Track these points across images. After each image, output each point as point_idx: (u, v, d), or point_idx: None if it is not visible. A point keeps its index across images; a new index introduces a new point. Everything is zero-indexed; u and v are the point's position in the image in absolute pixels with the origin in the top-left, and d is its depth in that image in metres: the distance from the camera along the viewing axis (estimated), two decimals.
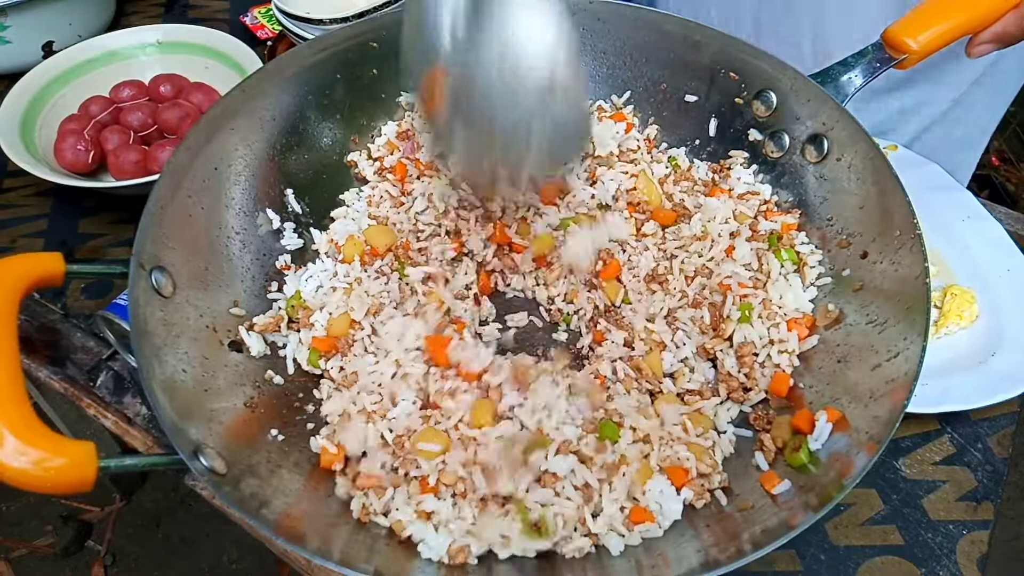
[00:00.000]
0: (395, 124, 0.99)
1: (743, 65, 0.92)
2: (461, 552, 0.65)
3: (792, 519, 0.62)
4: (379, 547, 0.65)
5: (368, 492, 0.69)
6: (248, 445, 0.69)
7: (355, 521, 0.68)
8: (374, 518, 0.68)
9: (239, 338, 0.78)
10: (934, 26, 0.85)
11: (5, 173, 1.11)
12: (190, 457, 0.60)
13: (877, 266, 0.78)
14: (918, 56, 0.86)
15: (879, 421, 0.66)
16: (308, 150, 0.93)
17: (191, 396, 0.68)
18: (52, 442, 0.55)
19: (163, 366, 0.67)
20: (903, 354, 0.69)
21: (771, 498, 0.68)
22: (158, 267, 0.71)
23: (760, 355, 0.80)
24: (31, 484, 0.54)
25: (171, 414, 0.63)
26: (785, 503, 0.67)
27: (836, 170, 0.86)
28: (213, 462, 0.62)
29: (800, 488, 0.67)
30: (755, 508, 0.68)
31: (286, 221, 0.90)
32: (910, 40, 0.85)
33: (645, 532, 0.68)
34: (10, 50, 1.21)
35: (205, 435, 0.65)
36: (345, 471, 0.72)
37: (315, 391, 0.79)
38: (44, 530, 1.94)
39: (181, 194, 0.77)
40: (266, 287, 0.85)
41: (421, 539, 0.66)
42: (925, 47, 0.85)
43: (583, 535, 0.68)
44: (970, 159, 1.32)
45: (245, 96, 0.86)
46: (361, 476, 0.70)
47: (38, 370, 0.86)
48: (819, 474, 0.67)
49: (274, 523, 0.61)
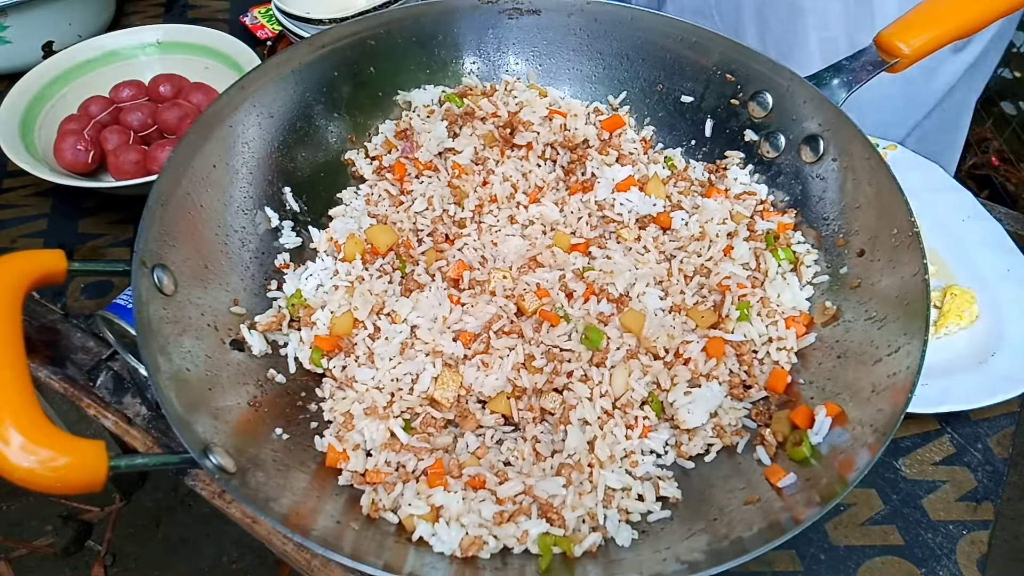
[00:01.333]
0: (393, 123, 1.00)
1: (739, 67, 0.93)
2: (474, 544, 0.65)
3: (799, 513, 0.63)
4: (388, 543, 0.66)
5: (377, 488, 0.70)
6: (254, 444, 0.69)
7: (364, 517, 0.68)
8: (383, 514, 0.68)
9: (240, 336, 0.78)
10: (926, 31, 0.87)
11: (5, 173, 1.11)
12: (200, 455, 0.59)
13: (875, 264, 0.79)
14: (910, 60, 0.87)
15: (883, 415, 0.66)
16: (306, 148, 0.94)
17: (197, 394, 0.68)
18: (61, 441, 0.53)
19: (169, 363, 0.67)
20: (904, 349, 0.70)
21: (777, 491, 0.68)
22: (160, 264, 0.71)
23: (759, 352, 0.81)
24: (40, 484, 0.52)
25: (179, 410, 0.63)
26: (791, 496, 0.67)
27: (832, 170, 0.86)
28: (223, 460, 0.62)
29: (806, 481, 0.68)
30: (762, 501, 0.68)
31: (284, 219, 0.90)
32: (902, 44, 0.86)
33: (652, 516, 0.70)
34: (10, 50, 1.21)
35: (212, 433, 0.64)
36: (352, 468, 0.72)
37: (317, 390, 0.79)
38: (44, 530, 1.94)
39: (180, 192, 0.77)
40: (265, 285, 0.85)
41: (432, 533, 0.66)
42: (917, 51, 0.86)
43: (592, 528, 0.68)
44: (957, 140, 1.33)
45: (244, 94, 0.86)
46: (369, 472, 0.71)
47: (38, 370, 0.86)
48: (822, 468, 0.68)
49: (284, 518, 0.61)
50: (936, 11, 0.88)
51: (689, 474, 0.75)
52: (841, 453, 0.68)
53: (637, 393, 0.76)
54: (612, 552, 0.68)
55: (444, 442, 0.74)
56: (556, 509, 0.68)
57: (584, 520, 0.69)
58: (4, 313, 0.60)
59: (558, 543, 0.67)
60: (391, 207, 0.92)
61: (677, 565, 0.63)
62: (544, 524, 0.67)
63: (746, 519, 0.66)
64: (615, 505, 0.70)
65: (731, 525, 0.66)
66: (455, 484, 0.69)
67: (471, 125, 0.97)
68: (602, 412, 0.75)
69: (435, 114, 0.98)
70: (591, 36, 1.00)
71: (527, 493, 0.69)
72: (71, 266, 0.68)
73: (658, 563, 0.64)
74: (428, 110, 0.99)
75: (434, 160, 0.95)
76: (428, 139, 0.95)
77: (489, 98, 0.99)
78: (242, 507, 0.77)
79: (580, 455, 0.72)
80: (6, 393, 0.54)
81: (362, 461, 0.72)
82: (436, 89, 1.01)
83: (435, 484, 0.69)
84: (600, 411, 0.75)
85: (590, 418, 0.74)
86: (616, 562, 0.67)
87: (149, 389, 0.83)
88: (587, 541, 0.67)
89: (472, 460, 0.72)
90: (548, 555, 0.66)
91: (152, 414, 0.83)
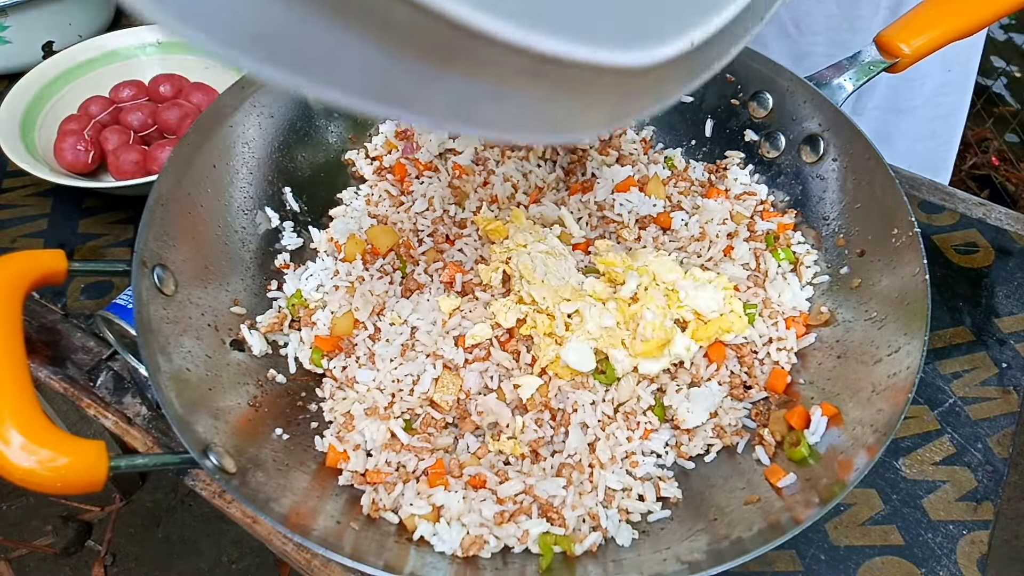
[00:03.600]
0: (393, 123, 0.99)
1: (739, 67, 0.93)
2: (475, 543, 0.65)
3: (799, 514, 0.63)
4: (389, 543, 0.66)
5: (378, 488, 0.70)
6: (254, 444, 0.69)
7: (365, 517, 0.68)
8: (384, 514, 0.68)
9: (241, 336, 0.78)
10: (927, 30, 0.87)
11: (5, 173, 1.11)
12: (201, 456, 0.60)
13: (875, 264, 0.79)
14: (910, 59, 0.87)
15: (883, 415, 0.66)
16: (306, 148, 0.93)
17: (197, 394, 0.68)
18: (62, 441, 0.53)
19: (169, 363, 0.67)
20: (904, 349, 0.70)
21: (776, 491, 0.69)
22: (160, 264, 0.71)
23: (759, 353, 0.81)
24: (40, 484, 0.52)
25: (179, 410, 0.63)
26: (791, 496, 0.67)
27: (832, 170, 0.87)
28: (223, 460, 0.62)
29: (806, 482, 0.68)
30: (762, 501, 0.68)
31: (284, 220, 0.90)
32: (903, 44, 0.86)
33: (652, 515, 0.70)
34: (10, 50, 1.21)
35: (213, 434, 0.64)
36: (352, 468, 0.72)
37: (317, 390, 0.79)
38: (44, 530, 1.94)
39: (181, 191, 0.77)
40: (265, 286, 0.85)
41: (433, 533, 0.66)
42: (917, 51, 0.87)
43: (592, 528, 0.68)
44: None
45: (244, 94, 0.86)
46: (370, 472, 0.71)
47: (38, 370, 0.86)
48: (821, 468, 0.68)
49: (284, 518, 0.61)
50: (937, 11, 0.88)
51: (689, 474, 0.75)
52: (840, 453, 0.68)
53: (644, 401, 0.76)
54: (612, 552, 0.68)
55: (445, 442, 0.74)
56: (556, 509, 0.68)
57: (584, 520, 0.69)
58: (4, 313, 0.60)
59: (559, 542, 0.67)
60: (391, 207, 0.92)
61: (678, 565, 0.63)
62: (545, 524, 0.67)
63: (746, 519, 0.66)
64: (615, 505, 0.70)
65: (731, 525, 0.66)
66: (456, 484, 0.69)
67: None
68: (604, 416, 0.75)
69: None
70: None
71: (527, 493, 0.69)
72: (71, 266, 0.68)
73: (658, 563, 0.64)
74: None
75: (434, 161, 0.95)
76: (428, 140, 0.95)
77: None
78: (242, 507, 0.77)
79: (581, 456, 0.72)
80: (6, 393, 0.54)
81: (363, 461, 0.72)
82: None
83: (436, 484, 0.69)
84: (601, 415, 0.74)
85: (590, 421, 0.74)
86: (617, 562, 0.66)
87: (149, 389, 0.83)
88: (588, 540, 0.67)
89: (472, 460, 0.72)
90: (549, 554, 0.66)
91: (152, 414, 0.83)
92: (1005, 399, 0.86)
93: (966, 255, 1.00)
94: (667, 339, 0.76)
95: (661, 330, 0.75)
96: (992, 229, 1.02)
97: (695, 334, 0.78)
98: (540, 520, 0.67)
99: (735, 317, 0.79)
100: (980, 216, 1.04)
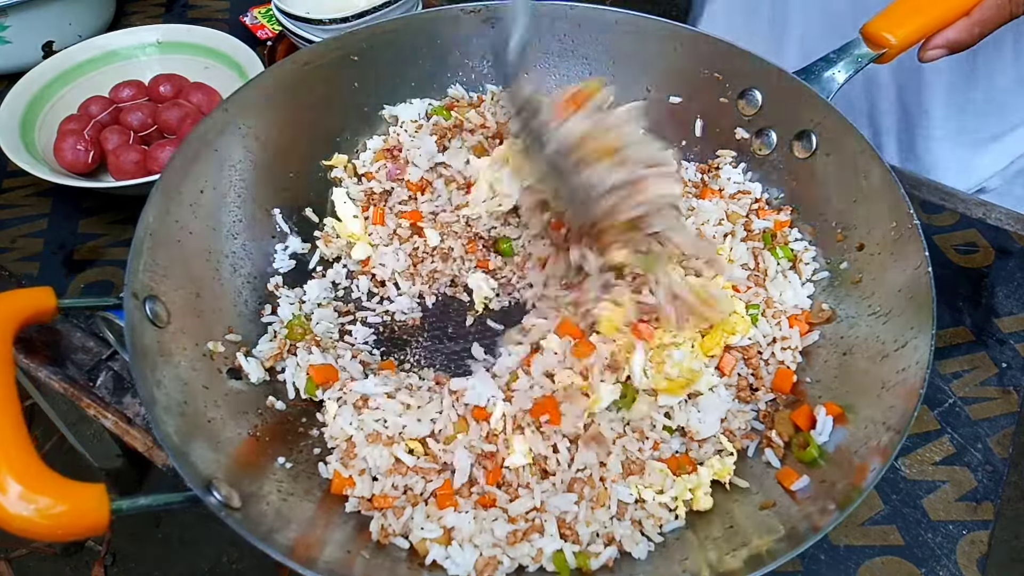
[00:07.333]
0: (380, 138, 0.98)
1: (726, 65, 0.92)
2: (489, 564, 0.64)
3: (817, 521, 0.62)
4: (401, 570, 0.64)
5: (386, 513, 0.68)
6: (258, 475, 0.67)
7: (374, 544, 0.67)
8: (394, 539, 0.67)
9: (237, 364, 0.77)
10: (912, 20, 0.87)
11: (5, 173, 1.10)
12: (204, 492, 0.58)
13: (875, 258, 0.79)
14: (897, 49, 0.87)
15: (895, 411, 0.66)
16: (293, 168, 0.92)
17: (196, 426, 0.66)
18: (60, 487, 0.51)
19: (166, 396, 0.65)
20: (911, 343, 0.69)
21: (791, 495, 0.68)
22: (151, 296, 0.69)
23: (764, 353, 0.80)
24: (40, 534, 0.51)
25: (179, 445, 0.61)
26: (805, 500, 0.67)
27: (826, 165, 0.86)
28: (227, 495, 0.60)
29: (820, 484, 0.67)
30: (778, 505, 0.67)
31: (275, 242, 0.88)
32: (889, 35, 0.86)
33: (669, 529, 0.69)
34: (10, 50, 1.21)
35: (215, 467, 0.63)
36: (358, 494, 0.70)
37: (317, 415, 0.78)
38: None
39: (169, 219, 0.76)
40: (259, 310, 0.84)
41: (446, 556, 0.64)
42: (904, 40, 0.86)
43: (606, 543, 0.67)
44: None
45: (228, 116, 0.84)
46: (376, 497, 0.69)
47: (38, 370, 0.85)
48: (833, 469, 0.68)
49: (289, 549, 0.59)
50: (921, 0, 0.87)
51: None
52: (853, 453, 0.67)
53: (658, 420, 0.75)
54: (628, 566, 0.66)
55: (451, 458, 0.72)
56: (569, 524, 0.67)
57: (598, 534, 0.68)
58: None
59: (579, 560, 0.65)
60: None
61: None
62: (558, 541, 0.66)
63: (762, 526, 0.65)
64: (628, 517, 0.69)
65: (748, 533, 0.66)
66: (465, 504, 0.68)
67: (460, 137, 0.95)
68: (614, 433, 0.73)
69: (423, 128, 0.97)
70: (576, 41, 0.98)
71: (539, 510, 0.68)
72: (60, 303, 0.66)
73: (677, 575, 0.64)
74: (416, 125, 0.97)
75: (425, 176, 0.94)
76: (418, 155, 0.93)
77: (476, 109, 0.98)
78: None
79: (591, 470, 0.71)
80: (1, 441, 0.52)
81: (368, 486, 0.70)
82: (422, 102, 1.00)
83: (445, 505, 0.68)
84: (612, 432, 0.73)
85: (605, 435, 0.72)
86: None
87: None
88: (603, 556, 0.65)
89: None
90: (565, 572, 0.64)
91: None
92: (1005, 399, 0.86)
93: (966, 255, 1.00)
94: (692, 379, 0.75)
95: (688, 372, 0.74)
96: (992, 229, 1.02)
97: (703, 344, 0.78)
98: (553, 537, 0.66)
99: (738, 318, 0.79)
100: (980, 216, 1.04)
